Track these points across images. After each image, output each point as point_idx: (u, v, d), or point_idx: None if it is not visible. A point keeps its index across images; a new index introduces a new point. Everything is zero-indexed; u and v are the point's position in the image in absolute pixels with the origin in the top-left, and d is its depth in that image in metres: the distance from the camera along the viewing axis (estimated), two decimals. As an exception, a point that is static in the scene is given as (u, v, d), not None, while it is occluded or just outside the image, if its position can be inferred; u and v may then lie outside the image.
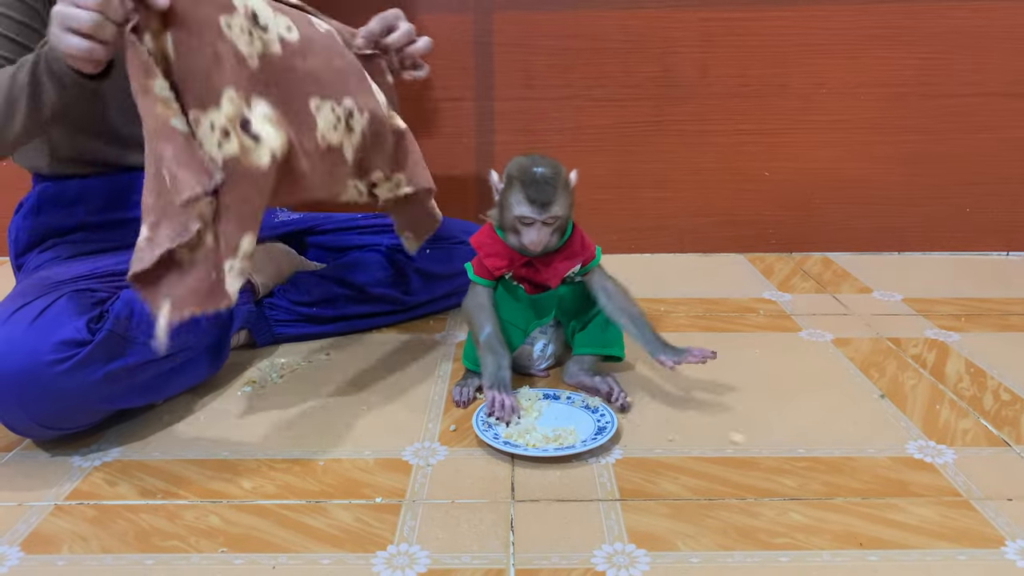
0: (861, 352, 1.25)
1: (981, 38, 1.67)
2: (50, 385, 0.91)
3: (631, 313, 1.08)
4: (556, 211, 1.01)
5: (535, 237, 1.02)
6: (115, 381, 0.97)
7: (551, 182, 1.00)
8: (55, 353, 0.91)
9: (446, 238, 1.36)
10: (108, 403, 0.98)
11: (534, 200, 1.00)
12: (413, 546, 0.79)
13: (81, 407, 0.96)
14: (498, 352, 1.04)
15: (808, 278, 1.63)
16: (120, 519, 0.84)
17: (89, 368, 0.93)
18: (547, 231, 1.02)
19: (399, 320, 1.38)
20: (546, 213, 1.01)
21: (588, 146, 1.74)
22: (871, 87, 1.70)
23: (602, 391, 1.08)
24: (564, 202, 1.02)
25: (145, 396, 1.04)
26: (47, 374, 0.90)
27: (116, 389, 0.98)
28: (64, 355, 0.91)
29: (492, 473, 0.91)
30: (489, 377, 1.03)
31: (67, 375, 0.91)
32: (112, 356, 0.96)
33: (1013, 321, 1.38)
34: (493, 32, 1.68)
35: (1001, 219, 1.78)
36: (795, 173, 1.76)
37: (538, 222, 1.01)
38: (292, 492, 0.88)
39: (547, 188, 1.00)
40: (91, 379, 0.94)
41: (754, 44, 1.68)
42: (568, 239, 1.08)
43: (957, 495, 0.87)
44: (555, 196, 1.00)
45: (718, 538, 0.80)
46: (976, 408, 1.07)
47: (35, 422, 0.93)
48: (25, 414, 0.92)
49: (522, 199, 1.00)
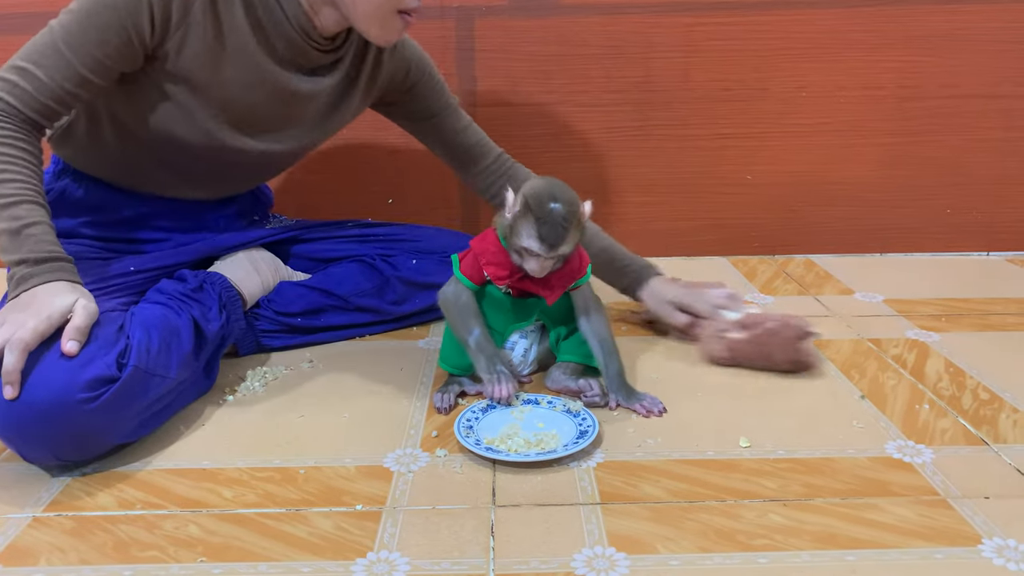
0: (842, 353, 1.26)
1: (958, 41, 1.68)
2: (77, 422, 0.89)
3: (603, 340, 1.09)
4: (564, 251, 1.01)
5: (536, 268, 1.02)
6: (135, 415, 0.95)
7: (564, 224, 0.99)
8: (86, 392, 0.89)
9: (435, 251, 1.37)
10: (125, 437, 0.96)
11: (544, 239, 0.99)
12: (393, 553, 0.79)
13: (101, 442, 0.94)
14: (487, 350, 1.06)
15: (791, 280, 1.64)
16: (99, 530, 0.83)
17: (116, 404, 0.91)
18: (550, 263, 1.03)
19: (384, 330, 1.37)
20: (553, 252, 1.00)
21: (571, 151, 1.75)
22: (851, 90, 1.72)
23: (584, 391, 1.08)
24: (573, 241, 1.02)
25: (152, 425, 1.01)
26: (77, 412, 0.88)
27: (134, 423, 0.96)
28: (95, 393, 0.89)
29: (473, 479, 0.92)
30: (488, 384, 1.05)
31: (96, 413, 0.89)
32: (136, 391, 0.94)
33: (993, 321, 1.40)
34: (475, 38, 1.68)
35: (981, 220, 1.79)
36: (777, 176, 1.77)
37: (543, 257, 1.01)
38: (272, 501, 0.88)
39: (559, 229, 0.98)
40: (117, 415, 0.92)
41: (735, 49, 1.70)
42: (569, 258, 1.08)
43: (935, 494, 0.87)
44: (566, 237, 1.00)
45: (698, 540, 0.80)
46: (955, 408, 1.07)
47: (52, 455, 0.91)
48: (45, 448, 0.90)
49: (533, 234, 0.99)
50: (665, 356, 1.25)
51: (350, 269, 1.35)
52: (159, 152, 1.15)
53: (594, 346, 1.10)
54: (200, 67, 1.06)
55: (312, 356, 1.27)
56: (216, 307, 1.17)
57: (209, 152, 1.15)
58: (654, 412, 1.05)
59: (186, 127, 1.11)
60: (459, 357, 1.11)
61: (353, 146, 1.74)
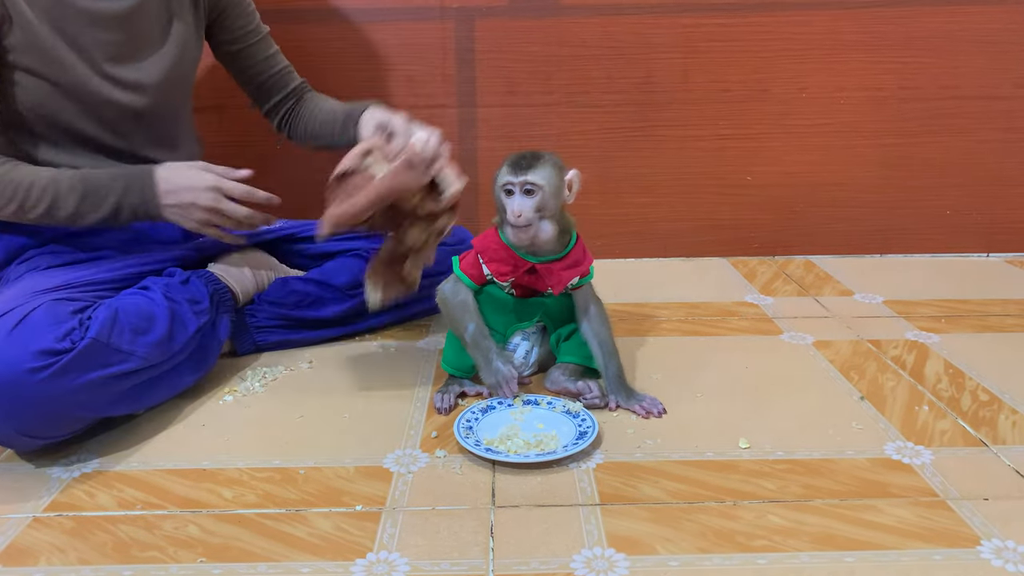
0: (842, 354, 1.26)
1: (957, 42, 1.69)
2: (31, 393, 0.91)
3: (603, 341, 1.09)
4: (533, 177, 1.02)
5: (515, 207, 1.02)
6: (97, 389, 0.96)
7: (534, 154, 1.04)
8: (35, 361, 0.91)
9: None
10: (90, 411, 0.98)
11: (513, 164, 1.03)
12: (393, 553, 0.79)
13: (63, 415, 0.95)
14: (482, 346, 1.07)
15: (790, 281, 1.64)
16: (99, 530, 0.83)
17: (70, 376, 0.93)
18: (528, 203, 1.02)
19: (383, 323, 1.37)
20: (522, 176, 1.02)
21: (571, 152, 1.75)
22: (851, 91, 1.72)
23: (584, 393, 1.08)
24: (545, 175, 1.02)
25: (127, 405, 1.03)
26: (28, 382, 0.90)
27: (98, 397, 0.97)
28: (44, 363, 0.91)
29: (473, 480, 0.92)
30: (487, 374, 1.07)
31: (48, 383, 0.91)
32: (95, 364, 0.96)
33: (992, 322, 1.40)
34: (475, 39, 1.68)
35: (981, 221, 1.79)
36: (777, 177, 1.77)
37: (517, 191, 1.02)
38: (272, 501, 0.88)
39: (528, 157, 1.03)
40: (72, 386, 0.93)
41: (735, 50, 1.70)
42: (572, 248, 1.08)
43: (934, 495, 0.87)
44: (535, 164, 1.02)
45: (697, 541, 0.80)
46: (954, 409, 1.08)
47: (16, 431, 0.92)
48: (7, 423, 0.91)
49: (504, 168, 1.04)
50: (665, 357, 1.25)
51: (345, 263, 1.35)
52: (50, 131, 1.15)
53: (594, 347, 1.10)
54: (22, 32, 1.08)
55: (312, 356, 1.27)
56: (206, 299, 1.17)
57: (91, 106, 1.15)
58: (653, 413, 1.05)
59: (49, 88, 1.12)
60: (461, 359, 1.11)
61: (353, 146, 1.74)
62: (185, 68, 1.27)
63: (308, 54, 1.67)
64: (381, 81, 1.70)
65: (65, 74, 1.12)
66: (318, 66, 1.67)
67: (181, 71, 1.26)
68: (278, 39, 1.37)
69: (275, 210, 1.21)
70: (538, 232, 1.04)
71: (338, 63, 1.68)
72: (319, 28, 1.66)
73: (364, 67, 1.69)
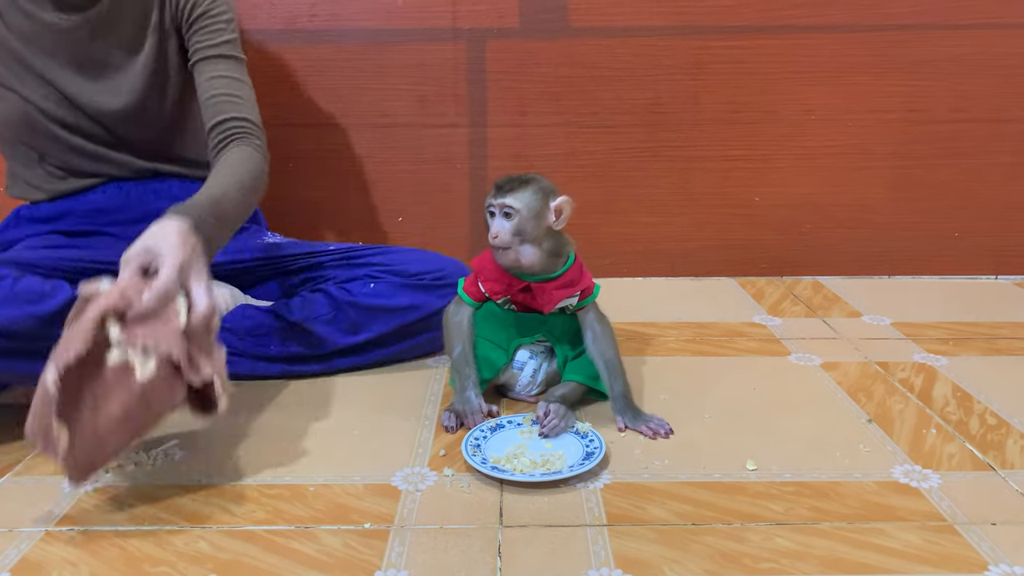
0: (849, 376, 1.26)
1: (965, 65, 1.70)
2: None
3: (609, 360, 1.09)
4: (511, 201, 1.02)
5: (493, 228, 1.03)
6: None
7: (521, 178, 1.04)
8: None
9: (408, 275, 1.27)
10: None
11: (497, 186, 1.04)
12: (401, 572, 0.79)
13: None
14: (463, 372, 1.10)
15: (798, 302, 1.64)
16: (110, 545, 0.84)
17: None
18: (507, 225, 1.02)
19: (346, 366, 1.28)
20: (500, 199, 1.03)
21: (581, 172, 1.76)
22: (859, 113, 1.73)
23: (541, 419, 1.04)
24: (524, 199, 1.02)
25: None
26: None
27: None
28: None
29: (481, 498, 0.92)
30: (459, 400, 1.09)
31: None
32: None
33: (1000, 345, 1.40)
34: (486, 60, 1.70)
35: (989, 243, 1.80)
36: (785, 198, 1.78)
37: (497, 212, 1.03)
38: (281, 518, 0.89)
39: (512, 180, 1.04)
40: None
41: (744, 72, 1.71)
42: (567, 269, 1.09)
43: (942, 520, 0.87)
44: (516, 188, 1.03)
45: (704, 563, 0.80)
46: (962, 432, 1.07)
47: None
48: None
49: (491, 190, 1.05)
50: (672, 377, 1.26)
51: (310, 297, 1.27)
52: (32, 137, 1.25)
53: (600, 366, 1.10)
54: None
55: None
56: None
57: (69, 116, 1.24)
58: (660, 433, 1.06)
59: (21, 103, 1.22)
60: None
61: (364, 163, 1.76)
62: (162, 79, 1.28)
63: (322, 74, 1.69)
64: (393, 100, 1.72)
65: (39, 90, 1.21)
66: (332, 86, 1.70)
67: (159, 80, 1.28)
68: (293, 60, 1.39)
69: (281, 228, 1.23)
70: (519, 255, 1.05)
71: (352, 83, 1.70)
72: (333, 49, 1.68)
73: (377, 86, 1.71)
